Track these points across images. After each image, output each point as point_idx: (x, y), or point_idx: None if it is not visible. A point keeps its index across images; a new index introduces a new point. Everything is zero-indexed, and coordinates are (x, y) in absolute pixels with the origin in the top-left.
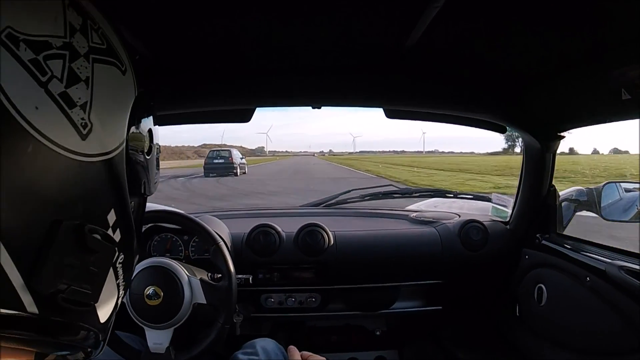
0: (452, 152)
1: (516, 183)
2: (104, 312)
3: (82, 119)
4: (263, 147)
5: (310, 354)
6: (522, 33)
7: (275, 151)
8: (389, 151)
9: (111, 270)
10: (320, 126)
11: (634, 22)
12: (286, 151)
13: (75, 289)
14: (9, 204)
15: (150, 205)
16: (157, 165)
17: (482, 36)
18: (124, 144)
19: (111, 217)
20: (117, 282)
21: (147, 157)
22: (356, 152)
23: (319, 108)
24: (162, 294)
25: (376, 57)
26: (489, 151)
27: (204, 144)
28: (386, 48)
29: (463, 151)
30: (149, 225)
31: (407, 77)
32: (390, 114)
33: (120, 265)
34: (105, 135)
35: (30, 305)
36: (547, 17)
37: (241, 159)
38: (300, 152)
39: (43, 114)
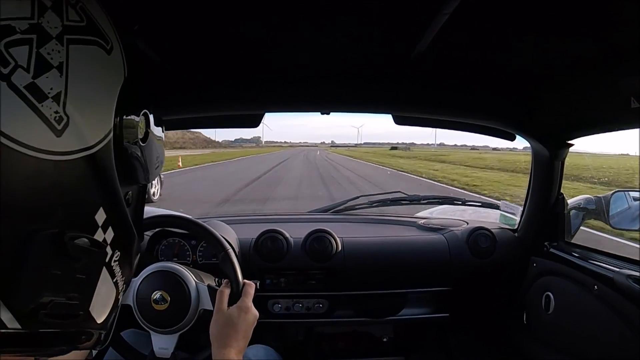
0: (465, 146)
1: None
2: (101, 313)
3: (56, 112)
4: (259, 137)
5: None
6: (531, 41)
7: (273, 141)
8: (397, 143)
9: (105, 270)
10: (322, 117)
11: None
12: (284, 141)
13: (58, 302)
14: None
15: (158, 210)
16: (159, 149)
17: (491, 44)
18: (111, 134)
19: (100, 216)
20: (114, 280)
21: (143, 144)
22: (362, 144)
23: (328, 114)
24: (169, 299)
25: (385, 64)
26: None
27: None
28: (395, 55)
29: (475, 145)
30: (157, 229)
31: (416, 84)
32: (398, 120)
33: (117, 262)
34: (86, 127)
35: (11, 322)
36: (556, 24)
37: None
38: (301, 142)
39: (6, 112)
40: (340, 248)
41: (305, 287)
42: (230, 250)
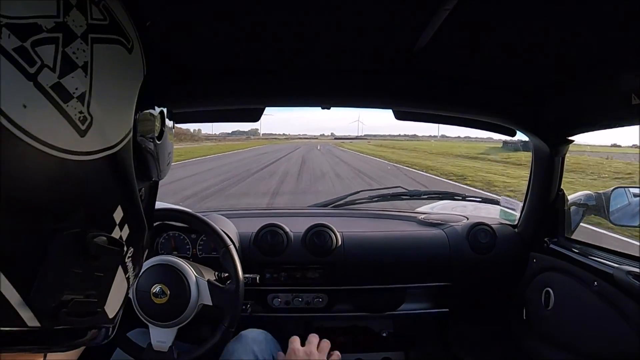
0: (468, 137)
1: None
2: (113, 309)
3: (80, 112)
4: (257, 129)
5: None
6: (532, 37)
7: (271, 134)
8: (399, 135)
9: (119, 267)
10: (322, 110)
11: None
12: (282, 133)
13: (79, 300)
14: None
15: (159, 204)
16: (170, 145)
17: (491, 40)
18: (131, 133)
19: (118, 215)
20: (127, 275)
21: (158, 142)
22: (362, 137)
23: (329, 109)
24: (168, 292)
25: (386, 59)
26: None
27: None
28: (396, 50)
29: (478, 137)
30: (157, 223)
31: (416, 79)
32: (399, 115)
33: (130, 259)
34: (108, 127)
35: (31, 320)
36: (557, 21)
37: None
38: (300, 135)
39: (32, 112)
40: (340, 243)
41: (305, 282)
42: (232, 246)
